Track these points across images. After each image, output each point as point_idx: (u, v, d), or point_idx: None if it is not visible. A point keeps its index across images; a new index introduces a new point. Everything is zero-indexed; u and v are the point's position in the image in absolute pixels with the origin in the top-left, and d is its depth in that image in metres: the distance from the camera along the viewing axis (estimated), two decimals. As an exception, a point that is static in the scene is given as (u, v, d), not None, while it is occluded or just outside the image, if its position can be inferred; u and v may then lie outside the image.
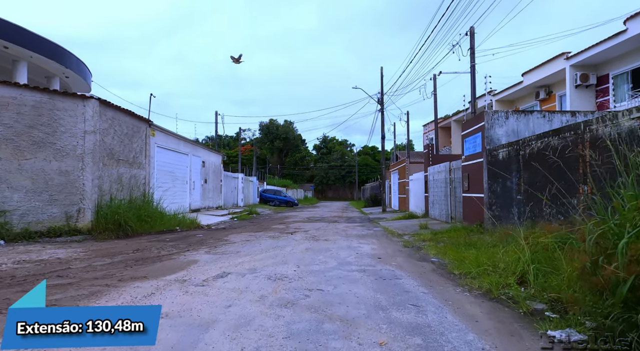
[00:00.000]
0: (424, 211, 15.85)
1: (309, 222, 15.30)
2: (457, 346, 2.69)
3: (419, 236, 9.29)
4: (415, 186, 18.39)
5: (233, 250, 7.10)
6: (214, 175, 20.34)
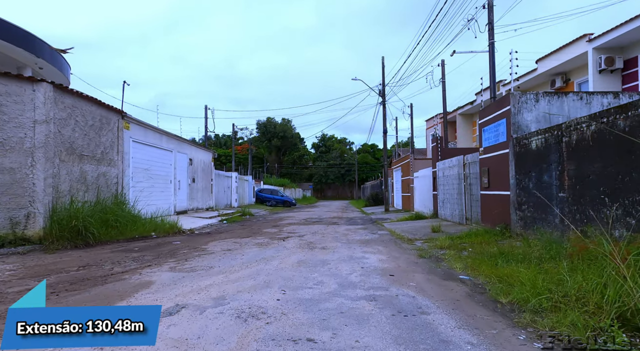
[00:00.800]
0: (432, 211, 14.40)
1: (306, 224, 13.84)
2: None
3: (434, 242, 7.83)
4: (421, 183, 16.94)
5: (206, 265, 5.64)
6: (203, 173, 18.86)
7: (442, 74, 14.16)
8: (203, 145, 21.50)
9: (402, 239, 8.84)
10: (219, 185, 22.86)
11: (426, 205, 15.66)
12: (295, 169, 74.69)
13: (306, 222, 15.01)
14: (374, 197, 31.41)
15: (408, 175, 20.47)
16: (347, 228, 12.09)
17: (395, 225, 12.43)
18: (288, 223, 14.04)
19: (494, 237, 7.67)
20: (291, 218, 17.11)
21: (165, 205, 14.03)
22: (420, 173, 17.21)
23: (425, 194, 16.05)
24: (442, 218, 13.05)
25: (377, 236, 9.68)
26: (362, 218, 17.52)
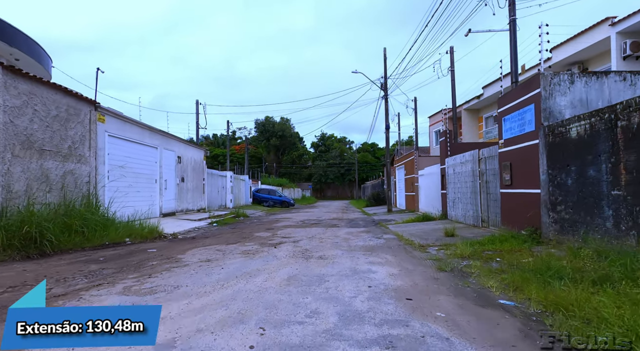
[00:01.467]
0: (440, 211, 13.22)
1: (303, 226, 12.65)
2: None
3: (451, 249, 6.66)
4: (427, 182, 15.76)
5: (171, 284, 4.45)
6: (194, 173, 17.66)
7: (451, 61, 12.99)
8: (194, 142, 20.27)
9: (413, 245, 7.65)
10: (213, 185, 21.67)
11: (433, 205, 14.48)
12: (294, 169, 73.50)
13: (303, 224, 13.82)
14: (375, 197, 30.22)
15: (412, 173, 19.29)
16: (348, 231, 10.90)
17: (402, 227, 11.24)
18: (284, 226, 12.85)
19: (523, 244, 6.49)
20: (288, 220, 15.93)
21: (149, 207, 12.84)
22: (426, 171, 16.03)
23: (432, 193, 14.87)
24: (453, 220, 11.86)
25: (383, 241, 8.49)
26: (364, 219, 16.33)
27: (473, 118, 24.85)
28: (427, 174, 15.65)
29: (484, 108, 23.74)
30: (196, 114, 20.40)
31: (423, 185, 17.09)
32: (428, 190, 15.67)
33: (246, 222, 15.12)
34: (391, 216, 17.04)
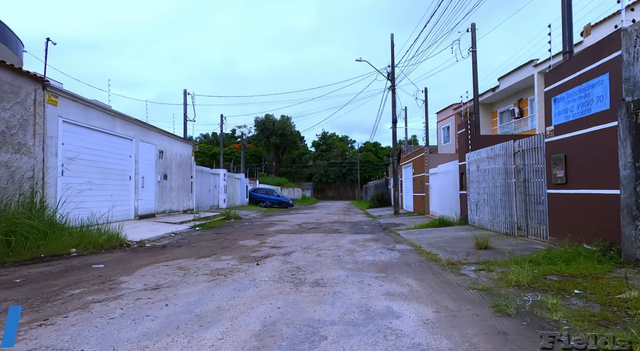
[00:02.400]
0: (458, 215, 11.40)
1: (299, 231, 10.85)
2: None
3: (494, 269, 4.86)
4: (441, 181, 13.94)
5: (57, 347, 2.64)
6: (180, 169, 15.88)
7: (473, 41, 11.17)
8: (182, 137, 18.44)
9: (439, 262, 5.82)
10: (203, 183, 19.89)
11: (449, 207, 12.66)
12: (294, 168, 71.72)
13: (300, 228, 12.01)
14: (379, 198, 28.40)
15: (422, 172, 17.46)
16: (353, 239, 9.09)
17: (416, 234, 9.41)
18: (277, 231, 11.04)
19: (597, 265, 4.67)
20: (283, 223, 14.12)
21: (122, 208, 11.05)
22: (439, 169, 14.20)
23: (447, 194, 13.05)
24: (477, 226, 10.03)
25: (398, 254, 6.66)
26: (369, 223, 14.51)
27: (486, 114, 23.01)
28: (442, 172, 13.83)
29: (498, 103, 21.90)
30: (184, 105, 18.54)
31: (435, 184, 15.26)
32: (442, 190, 13.85)
33: (235, 225, 13.32)
34: (399, 219, 15.21)
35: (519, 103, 19.69)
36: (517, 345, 2.64)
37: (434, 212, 15.66)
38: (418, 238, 8.57)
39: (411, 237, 9.03)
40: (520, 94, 19.66)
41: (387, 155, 76.81)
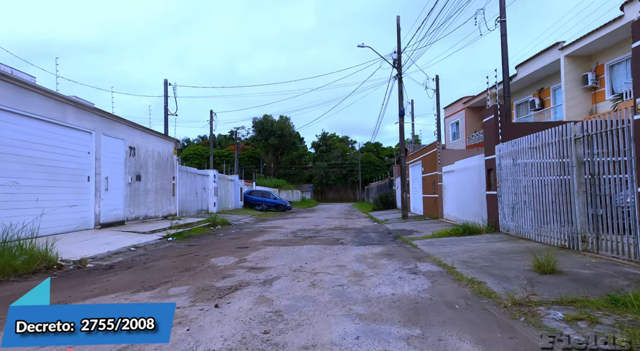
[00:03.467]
0: (485, 220, 9.41)
1: (292, 243, 8.86)
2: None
3: (603, 319, 2.86)
4: (459, 180, 11.96)
5: None
6: (158, 170, 13.91)
7: (501, 9, 9.20)
8: (164, 133, 16.43)
9: (495, 299, 3.79)
10: (189, 185, 17.91)
11: (471, 210, 10.67)
12: (293, 170, 69.79)
13: (294, 237, 10.02)
14: (383, 200, 26.40)
15: (433, 171, 15.48)
16: (359, 253, 7.09)
17: (439, 246, 7.42)
18: (265, 242, 9.06)
19: None
20: (276, 231, 12.13)
21: (76, 214, 9.08)
22: (456, 166, 12.22)
23: (467, 195, 11.06)
24: (514, 235, 8.03)
25: (426, 281, 4.66)
26: (375, 229, 12.51)
27: (500, 107, 21.00)
28: (460, 170, 11.84)
29: (515, 94, 19.86)
30: (165, 97, 16.51)
31: (451, 184, 13.28)
32: (460, 190, 11.86)
33: (219, 234, 11.33)
34: (410, 225, 13.21)
35: (540, 94, 17.73)
36: None
37: (449, 216, 13.67)
38: (444, 253, 6.58)
39: (434, 250, 7.04)
40: (540, 83, 17.70)
41: (389, 155, 74.85)
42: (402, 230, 11.39)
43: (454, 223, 12.39)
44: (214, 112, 22.87)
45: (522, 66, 17.49)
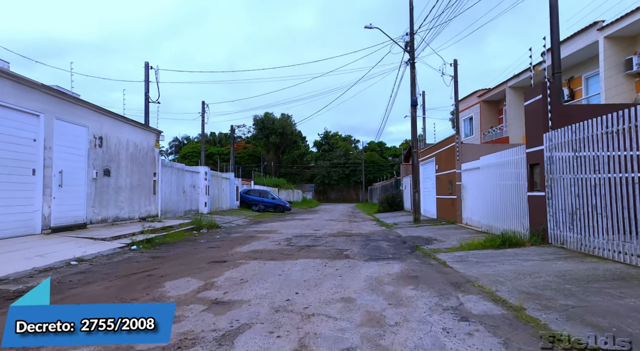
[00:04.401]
0: (527, 228, 7.49)
1: (282, 256, 6.98)
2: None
3: None
4: (488, 179, 10.06)
5: None
6: (134, 164, 12.09)
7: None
8: (144, 123, 14.53)
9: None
10: (176, 183, 16.09)
11: (503, 215, 8.76)
12: (295, 169, 67.99)
13: (288, 246, 8.14)
14: (389, 201, 24.49)
15: (450, 168, 13.57)
16: (372, 275, 5.21)
17: (479, 266, 5.52)
18: (248, 254, 7.19)
19: None
20: (268, 237, 10.27)
21: (11, 217, 7.25)
22: (483, 162, 10.31)
23: (499, 196, 9.16)
24: (574, 250, 6.12)
25: (494, 342, 2.78)
26: (384, 235, 10.61)
27: (521, 100, 19.05)
28: (487, 167, 9.93)
29: (538, 85, 17.88)
30: (145, 82, 14.58)
31: (473, 184, 11.38)
32: (488, 191, 9.96)
33: (199, 241, 9.48)
34: (425, 230, 11.30)
35: (569, 83, 15.80)
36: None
37: (470, 220, 11.77)
38: (490, 277, 4.70)
39: (473, 271, 5.15)
40: (570, 72, 15.76)
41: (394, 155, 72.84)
42: (417, 238, 9.49)
43: (478, 229, 10.49)
44: (206, 104, 21.01)
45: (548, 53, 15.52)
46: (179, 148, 76.77)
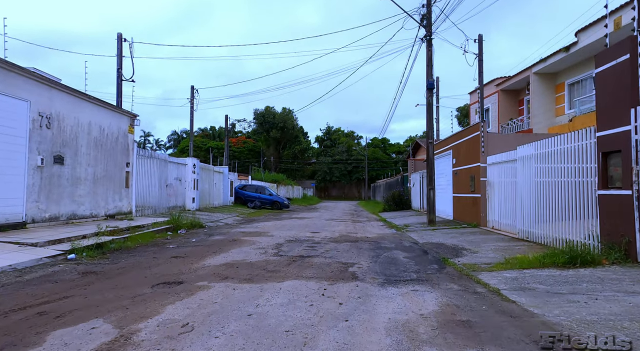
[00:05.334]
0: (597, 240, 5.53)
1: (265, 274, 5.05)
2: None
3: None
4: (525, 174, 8.08)
5: None
6: (99, 151, 10.18)
7: None
8: (116, 105, 12.52)
9: None
10: (157, 175, 14.17)
11: (550, 218, 6.79)
12: (296, 165, 66.00)
13: (276, 257, 6.21)
14: (395, 199, 22.53)
15: (473, 162, 11.60)
16: (399, 319, 3.28)
17: (556, 299, 3.59)
18: (219, 269, 5.27)
19: None
20: (255, 241, 8.35)
21: None
22: (521, 153, 8.34)
23: (545, 195, 7.19)
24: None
25: None
26: (398, 241, 8.67)
27: (548, 88, 17.04)
28: (526, 158, 7.96)
29: (569, 70, 15.86)
30: (118, 57, 12.46)
31: (505, 179, 9.42)
32: (524, 188, 8.00)
33: (167, 246, 7.57)
34: (445, 235, 9.35)
35: (609, 67, 13.76)
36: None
37: (498, 224, 9.82)
38: (593, 326, 2.77)
39: (558, 312, 3.23)
40: None
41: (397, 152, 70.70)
42: (440, 246, 7.55)
43: (512, 235, 8.54)
44: (195, 89, 19.00)
45: (585, 31, 13.52)
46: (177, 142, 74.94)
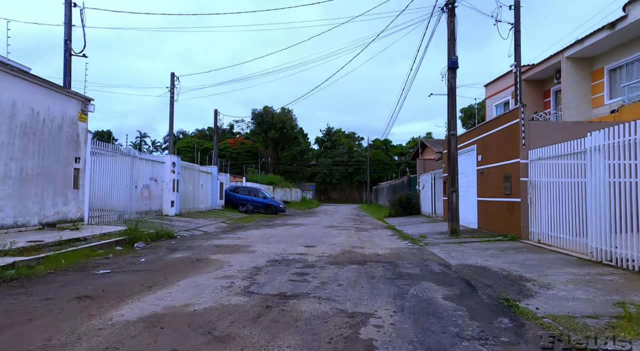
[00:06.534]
0: None
1: (215, 342, 2.73)
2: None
3: None
4: (597, 171, 5.75)
5: None
6: (33, 142, 7.92)
7: None
8: (63, 85, 10.10)
9: None
10: (127, 174, 11.87)
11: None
12: (295, 166, 63.68)
13: (241, 295, 3.90)
14: (403, 203, 20.22)
15: (508, 158, 9.30)
16: None
17: None
18: (120, 336, 2.97)
19: None
20: (225, 262, 6.05)
21: None
22: (595, 141, 6.03)
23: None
24: None
25: None
26: (422, 264, 6.35)
27: (584, 74, 14.75)
28: (602, 149, 5.65)
29: (609, 53, 13.56)
30: (65, 26, 10.21)
31: (556, 182, 7.11)
32: (600, 192, 5.68)
33: (94, 272, 5.26)
34: (482, 253, 7.02)
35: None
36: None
37: (546, 236, 7.49)
38: None
39: None
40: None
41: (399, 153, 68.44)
42: (483, 271, 5.24)
43: (579, 255, 6.22)
44: (176, 76, 16.75)
45: (637, 2, 11.26)
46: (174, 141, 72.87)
